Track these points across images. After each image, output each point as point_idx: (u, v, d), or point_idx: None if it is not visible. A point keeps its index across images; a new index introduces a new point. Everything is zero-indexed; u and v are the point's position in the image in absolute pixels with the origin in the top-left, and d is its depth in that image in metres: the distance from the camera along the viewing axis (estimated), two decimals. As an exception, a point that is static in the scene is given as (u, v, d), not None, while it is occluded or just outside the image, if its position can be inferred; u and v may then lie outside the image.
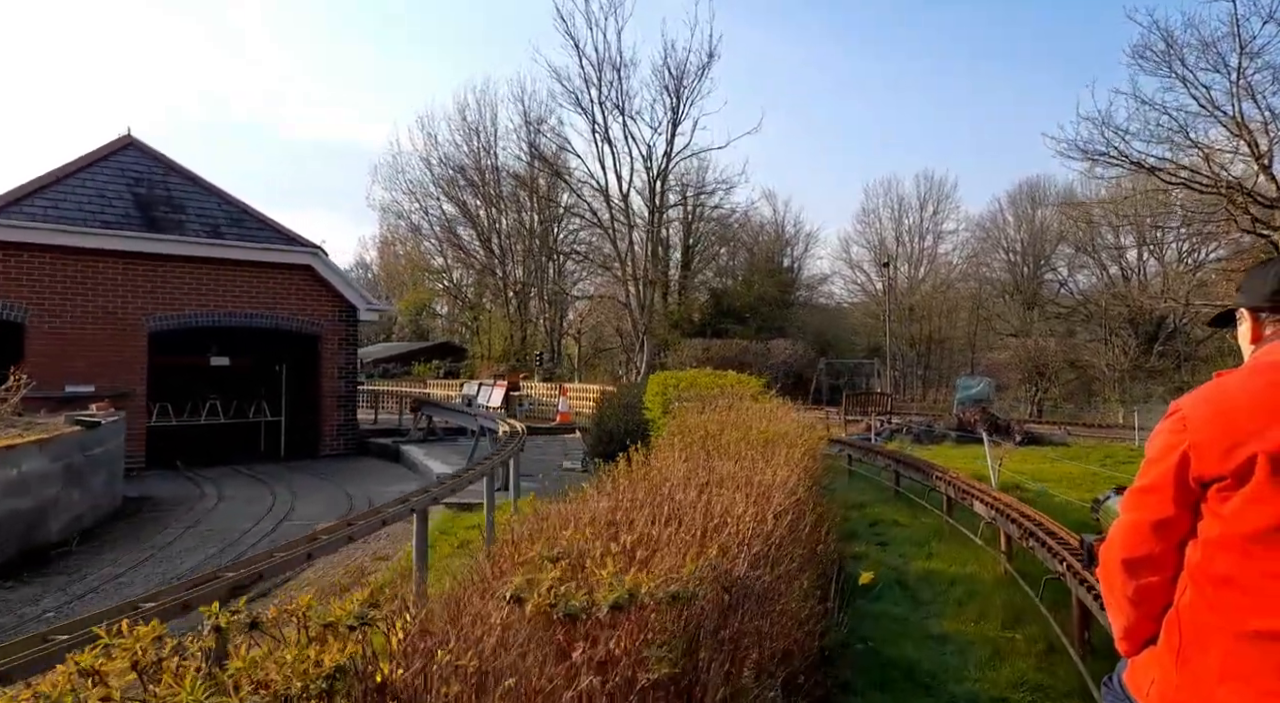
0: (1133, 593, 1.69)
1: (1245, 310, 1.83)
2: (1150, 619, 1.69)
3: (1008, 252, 54.48)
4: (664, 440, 6.12)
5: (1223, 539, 1.54)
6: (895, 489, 11.37)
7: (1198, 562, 1.59)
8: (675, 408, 9.20)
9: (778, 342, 36.75)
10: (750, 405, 8.30)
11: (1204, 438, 1.56)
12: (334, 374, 18.02)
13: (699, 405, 8.60)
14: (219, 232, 16.52)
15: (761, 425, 6.54)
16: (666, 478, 4.18)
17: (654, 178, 35.52)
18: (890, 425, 20.50)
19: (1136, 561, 1.68)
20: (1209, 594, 1.56)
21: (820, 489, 6.39)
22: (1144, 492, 1.68)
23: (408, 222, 52.91)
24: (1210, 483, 1.55)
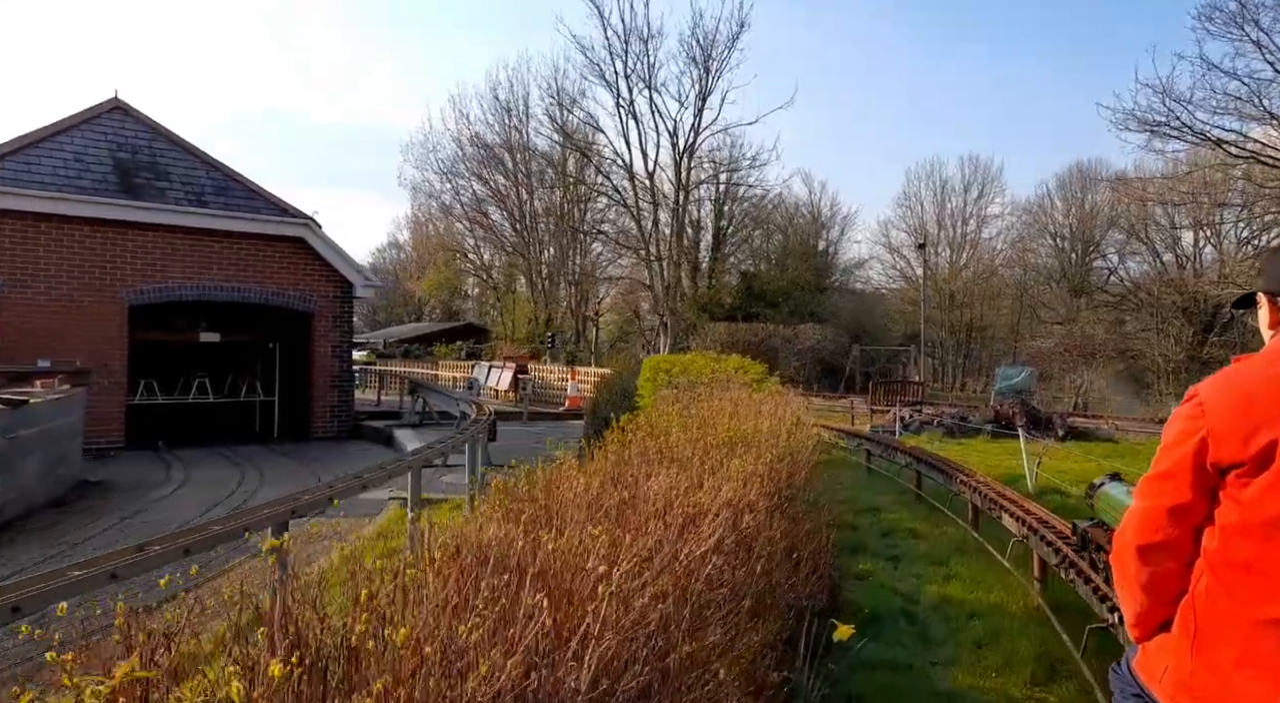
0: (1146, 579, 1.67)
1: (1264, 295, 1.78)
2: (1163, 606, 1.67)
3: (1055, 237, 52.42)
4: (607, 440, 4.96)
5: (1242, 526, 1.52)
6: (916, 492, 10.06)
7: (1215, 548, 1.57)
8: (662, 395, 8.05)
9: (806, 327, 35.23)
10: (739, 395, 7.08)
11: (1223, 424, 1.54)
12: (327, 353, 17.14)
13: (680, 394, 7.40)
14: (203, 200, 15.66)
15: (729, 421, 5.33)
16: (555, 512, 3.01)
17: (680, 154, 34.10)
18: (920, 417, 19.06)
19: (1151, 546, 1.65)
20: (1227, 581, 1.54)
21: (803, 503, 5.15)
22: (1160, 478, 1.65)
23: (438, 201, 52.20)
24: (1229, 469, 1.53)
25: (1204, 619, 1.58)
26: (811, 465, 6.14)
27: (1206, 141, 19.93)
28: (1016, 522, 6.44)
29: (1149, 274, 43.23)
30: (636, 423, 5.79)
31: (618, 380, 12.55)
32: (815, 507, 5.85)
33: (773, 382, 9.35)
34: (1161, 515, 1.64)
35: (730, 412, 6.06)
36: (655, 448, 4.28)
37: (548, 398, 23.03)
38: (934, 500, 9.42)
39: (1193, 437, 1.58)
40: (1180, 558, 1.63)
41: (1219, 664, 1.53)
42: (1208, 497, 1.59)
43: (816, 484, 6.14)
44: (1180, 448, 1.61)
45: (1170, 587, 1.65)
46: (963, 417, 19.76)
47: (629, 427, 5.16)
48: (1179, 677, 1.61)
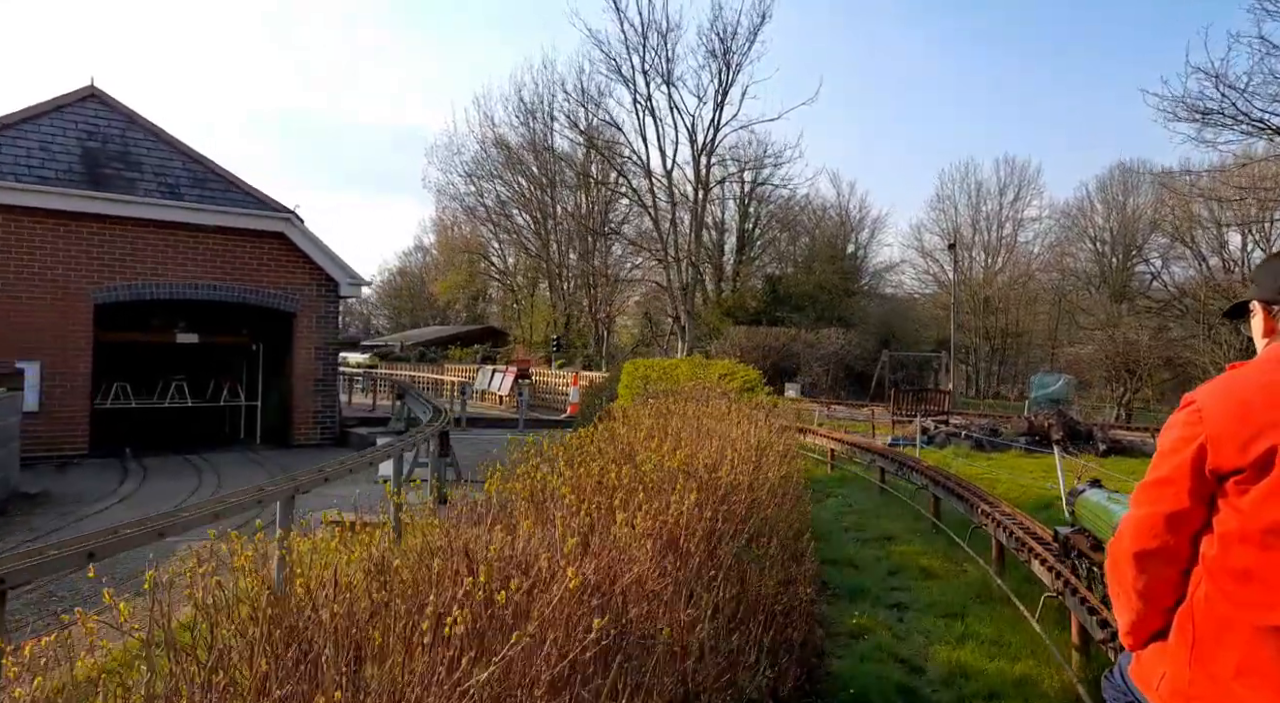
0: (1143, 587, 1.66)
1: (1258, 303, 1.78)
2: (1159, 614, 1.66)
3: (1095, 241, 51.01)
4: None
5: (1241, 532, 1.51)
6: (933, 520, 8.73)
7: (1214, 556, 1.56)
8: (634, 406, 6.88)
9: (830, 331, 33.70)
10: (708, 409, 5.86)
11: (1221, 430, 1.54)
12: (309, 356, 16.18)
13: (643, 406, 6.21)
14: (177, 192, 14.79)
15: (660, 445, 4.11)
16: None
17: (699, 151, 32.84)
18: (947, 428, 17.60)
19: (1148, 553, 1.64)
20: (1226, 588, 1.53)
21: (772, 549, 3.91)
22: (1158, 484, 1.65)
23: (462, 204, 51.53)
24: (1228, 476, 1.53)
25: (1203, 627, 1.56)
26: (790, 499, 4.90)
27: (1265, 131, 18.21)
28: (1050, 572, 5.13)
29: (1194, 279, 41.72)
30: (563, 445, 4.61)
31: (606, 387, 11.39)
32: (792, 553, 4.61)
33: (764, 390, 8.11)
34: (1159, 522, 1.62)
35: (719, 423, 4.86)
36: (537, 488, 3.08)
37: (552, 404, 21.91)
38: (953, 532, 8.08)
39: (1191, 443, 1.57)
40: (1177, 565, 1.62)
41: (1218, 673, 1.51)
42: (1205, 504, 1.57)
43: (793, 520, 4.89)
44: (1178, 454, 1.60)
45: (1166, 594, 1.64)
46: (993, 428, 18.27)
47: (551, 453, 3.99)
48: (1176, 685, 1.59)
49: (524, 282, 52.24)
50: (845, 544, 8.08)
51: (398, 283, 78.09)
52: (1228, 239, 40.79)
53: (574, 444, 4.23)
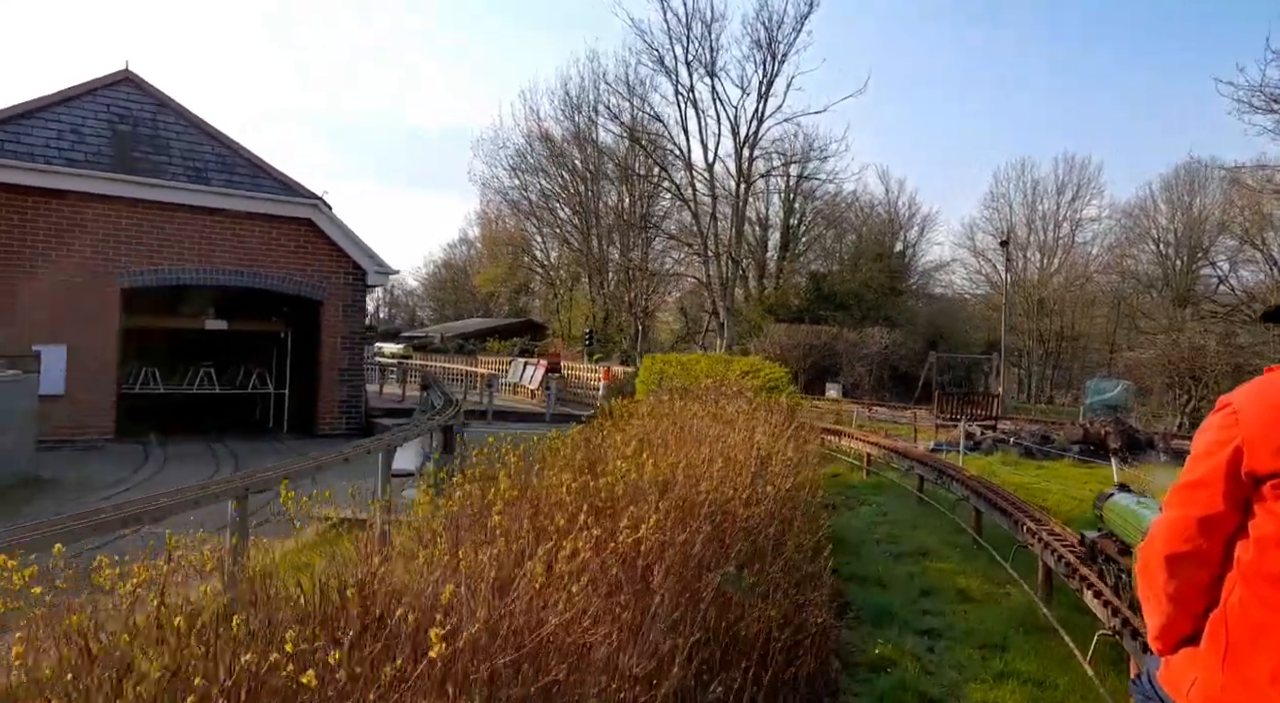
0: (1174, 590, 1.64)
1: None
2: (1190, 618, 1.64)
3: (1158, 243, 49.10)
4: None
5: (1277, 536, 1.49)
6: (974, 535, 8.01)
7: (1250, 560, 1.54)
8: (647, 401, 6.34)
9: (874, 330, 32.68)
10: (715, 409, 5.28)
11: (1257, 433, 1.52)
12: (336, 344, 15.96)
13: (656, 403, 5.66)
14: (204, 176, 14.65)
15: (648, 455, 3.55)
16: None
17: (741, 144, 32.08)
18: (994, 434, 16.68)
19: (1180, 556, 1.62)
20: (1262, 592, 1.51)
21: (774, 576, 3.33)
22: (1191, 487, 1.62)
23: (506, 198, 51.50)
24: (1264, 479, 1.51)
25: (1236, 632, 1.54)
26: (803, 514, 4.30)
27: (1352, 122, 16.89)
28: (1104, 607, 4.45)
29: (1265, 283, 39.80)
30: (553, 448, 4.09)
31: (627, 382, 10.87)
32: (805, 575, 4.02)
33: (789, 389, 7.49)
34: (1191, 525, 1.60)
35: (715, 428, 4.30)
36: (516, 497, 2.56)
37: (583, 398, 21.46)
38: (995, 550, 7.36)
39: (1226, 446, 1.55)
40: (1209, 569, 1.60)
41: (1253, 678, 1.48)
42: (1240, 507, 1.55)
43: (806, 537, 4.29)
44: (1213, 457, 1.57)
45: (1198, 599, 1.62)
46: (1045, 435, 17.29)
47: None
48: (1209, 691, 1.55)
49: (565, 276, 52.00)
50: (875, 559, 7.42)
51: (442, 275, 78.66)
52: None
53: (543, 449, 3.72)
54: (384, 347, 35.12)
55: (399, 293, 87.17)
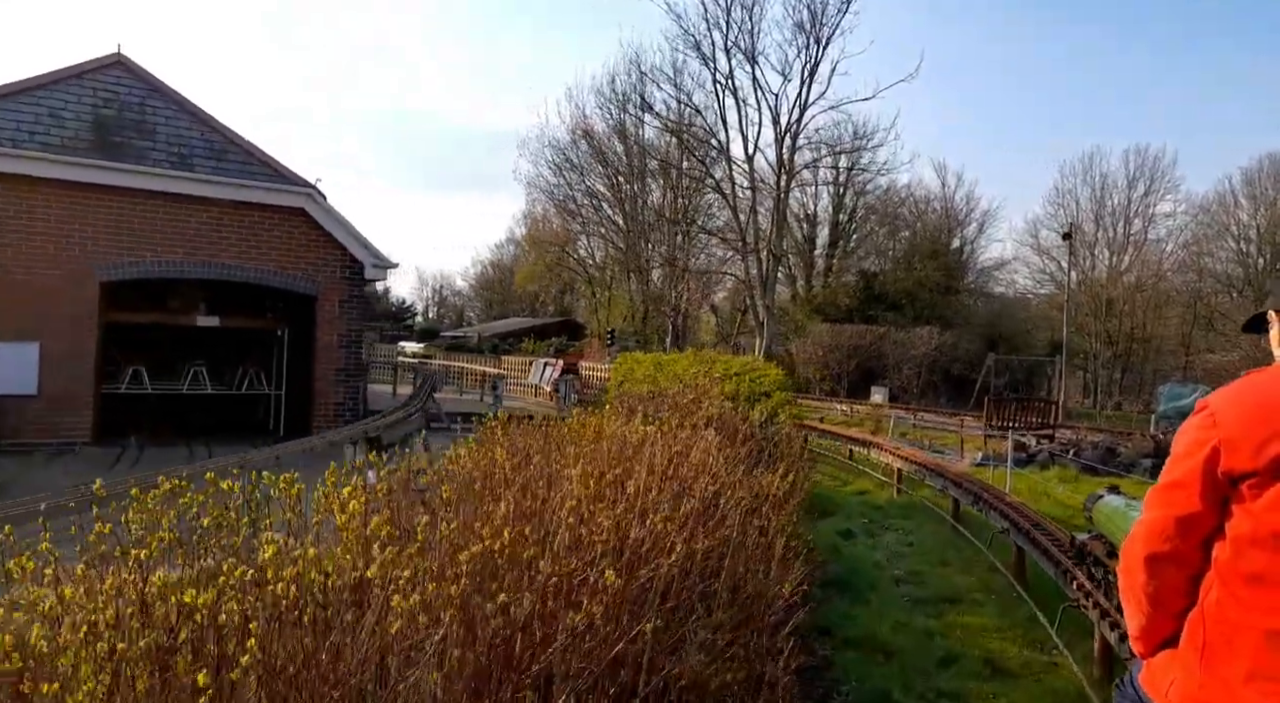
0: (1153, 591, 1.66)
1: (1275, 313, 1.82)
2: (1169, 618, 1.66)
3: (1238, 239, 46.45)
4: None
5: (1254, 536, 1.51)
6: (1013, 580, 6.49)
7: (1227, 559, 1.56)
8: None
9: (923, 330, 30.66)
10: (635, 427, 3.95)
11: (1235, 434, 1.54)
12: (332, 343, 15.01)
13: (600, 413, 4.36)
14: (189, 162, 13.83)
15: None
16: None
17: (783, 133, 30.43)
18: (1050, 445, 14.88)
19: (1159, 556, 1.64)
20: (1238, 592, 1.53)
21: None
22: (1170, 488, 1.65)
23: (550, 196, 50.80)
24: (1241, 479, 1.53)
25: (1213, 632, 1.55)
26: (749, 577, 2.95)
27: None
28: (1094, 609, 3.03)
29: None
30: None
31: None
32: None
33: (782, 398, 6.10)
34: (1170, 525, 1.63)
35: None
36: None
37: (599, 400, 20.23)
38: (1040, 601, 5.85)
39: (1204, 446, 1.57)
40: (1187, 570, 1.62)
41: (1229, 678, 1.50)
42: (1217, 507, 1.58)
43: (758, 608, 2.93)
44: (1192, 458, 1.60)
45: (1176, 599, 1.64)
46: (1110, 447, 15.40)
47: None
48: (1187, 689, 1.58)
49: (604, 274, 50.98)
50: (888, 607, 5.99)
51: (490, 275, 78.70)
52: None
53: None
54: (406, 346, 34.50)
55: (447, 293, 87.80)
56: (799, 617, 4.04)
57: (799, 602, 4.11)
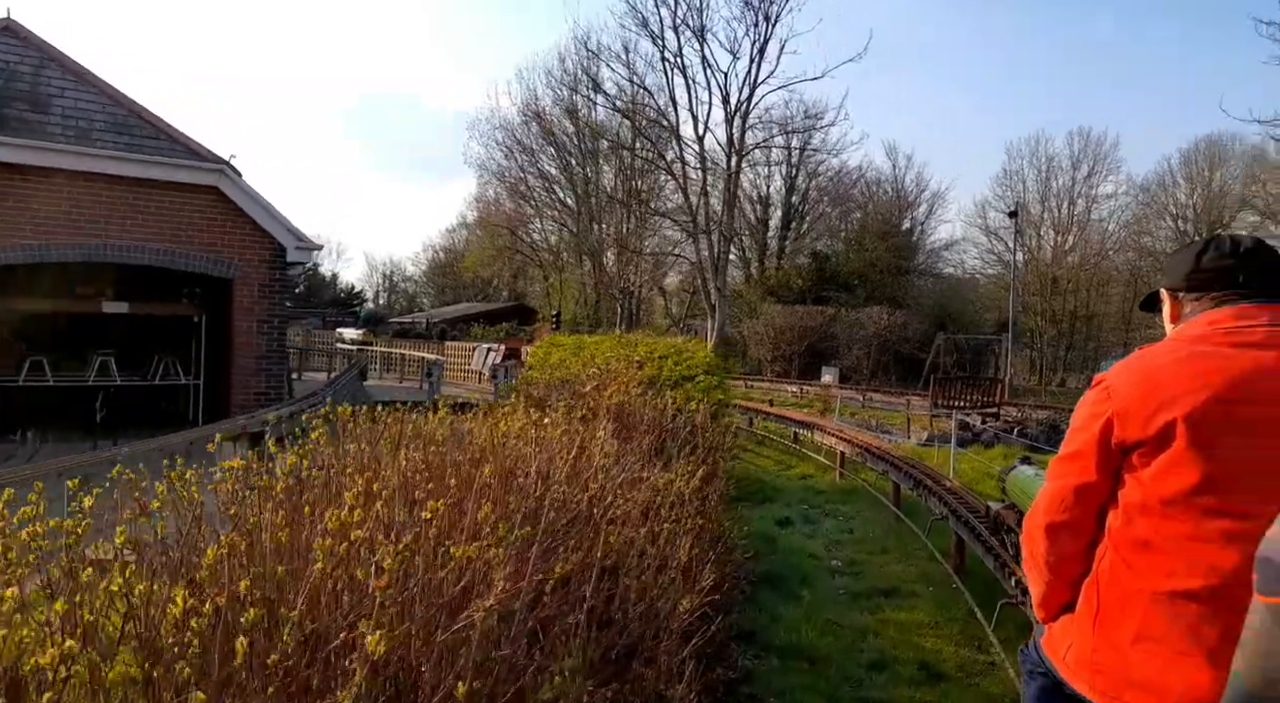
0: (1053, 559, 1.72)
1: (1165, 291, 1.88)
2: (1066, 585, 1.72)
3: (1176, 219, 47.58)
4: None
5: (1143, 503, 1.58)
6: (955, 569, 6.14)
7: (1119, 527, 1.62)
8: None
9: (871, 311, 30.60)
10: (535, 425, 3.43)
11: (1127, 405, 1.60)
12: (251, 329, 14.13)
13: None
14: (89, 137, 12.82)
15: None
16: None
17: (733, 112, 29.94)
18: (996, 424, 14.74)
19: (1058, 525, 1.71)
20: (1128, 557, 1.59)
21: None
22: (1068, 459, 1.71)
23: (501, 179, 49.64)
24: (1132, 448, 1.59)
25: (1106, 596, 1.61)
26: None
27: None
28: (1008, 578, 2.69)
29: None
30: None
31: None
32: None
33: (707, 383, 5.63)
34: (1069, 494, 1.69)
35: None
36: None
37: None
38: (980, 594, 5.49)
39: (1099, 419, 1.63)
40: (1084, 538, 1.68)
41: (1118, 640, 1.57)
42: (1111, 477, 1.63)
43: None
44: (1087, 430, 1.65)
45: (1073, 566, 1.70)
46: (1055, 424, 15.34)
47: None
48: (1081, 653, 1.65)
49: (555, 257, 50.11)
50: (821, 603, 5.58)
51: (441, 260, 77.18)
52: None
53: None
54: (345, 332, 33.42)
55: (398, 279, 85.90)
56: (715, 625, 3.61)
57: (710, 613, 3.67)
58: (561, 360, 6.07)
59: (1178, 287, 1.81)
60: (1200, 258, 1.78)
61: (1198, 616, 1.48)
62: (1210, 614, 1.46)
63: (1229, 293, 1.71)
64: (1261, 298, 1.69)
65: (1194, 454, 1.50)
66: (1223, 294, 1.71)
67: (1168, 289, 1.85)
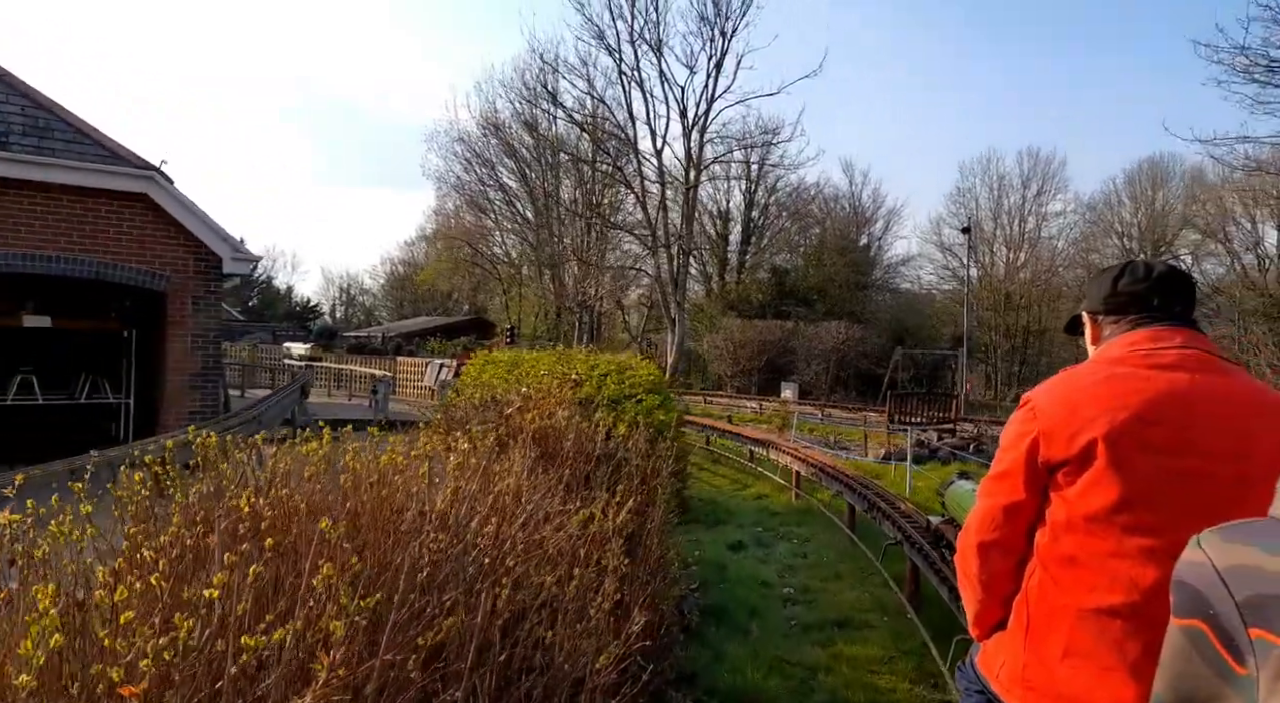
0: (985, 577, 1.74)
1: (1086, 315, 1.93)
2: (998, 602, 1.74)
3: (1122, 237, 49.12)
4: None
5: (1068, 521, 1.60)
6: (909, 596, 5.84)
7: (1046, 544, 1.64)
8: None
9: (830, 326, 30.61)
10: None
11: (1051, 425, 1.63)
12: (185, 345, 13.44)
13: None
14: (6, 140, 12.11)
15: None
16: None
17: (690, 127, 29.88)
18: (952, 440, 14.63)
19: (989, 543, 1.73)
20: (1055, 574, 1.61)
21: None
22: (997, 478, 1.73)
23: (460, 192, 49.03)
24: (1057, 467, 1.62)
25: (1035, 613, 1.64)
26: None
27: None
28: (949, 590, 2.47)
29: (1226, 278, 40.14)
30: None
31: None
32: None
33: (652, 400, 5.27)
34: (998, 513, 1.70)
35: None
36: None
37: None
38: (935, 626, 5.19)
39: (1025, 438, 1.66)
40: (1014, 556, 1.71)
41: (1047, 656, 1.59)
42: (1039, 495, 1.66)
43: None
44: (1015, 449, 1.68)
45: (1005, 584, 1.72)
46: (1011, 440, 15.27)
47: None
48: (1013, 670, 1.67)
49: (514, 271, 49.53)
50: (770, 638, 5.24)
51: (399, 274, 76.07)
52: (1264, 235, 39.27)
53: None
54: (292, 347, 32.50)
55: (355, 293, 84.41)
56: (649, 672, 3.25)
57: (642, 661, 3.30)
58: (492, 378, 5.66)
59: (1097, 310, 1.85)
60: (1117, 283, 1.82)
61: (1121, 631, 1.50)
62: (1133, 630, 1.49)
63: (1144, 317, 1.75)
64: (1174, 321, 1.73)
65: (1112, 472, 1.53)
66: (1139, 317, 1.75)
67: (1088, 313, 1.89)
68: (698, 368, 36.24)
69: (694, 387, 29.98)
